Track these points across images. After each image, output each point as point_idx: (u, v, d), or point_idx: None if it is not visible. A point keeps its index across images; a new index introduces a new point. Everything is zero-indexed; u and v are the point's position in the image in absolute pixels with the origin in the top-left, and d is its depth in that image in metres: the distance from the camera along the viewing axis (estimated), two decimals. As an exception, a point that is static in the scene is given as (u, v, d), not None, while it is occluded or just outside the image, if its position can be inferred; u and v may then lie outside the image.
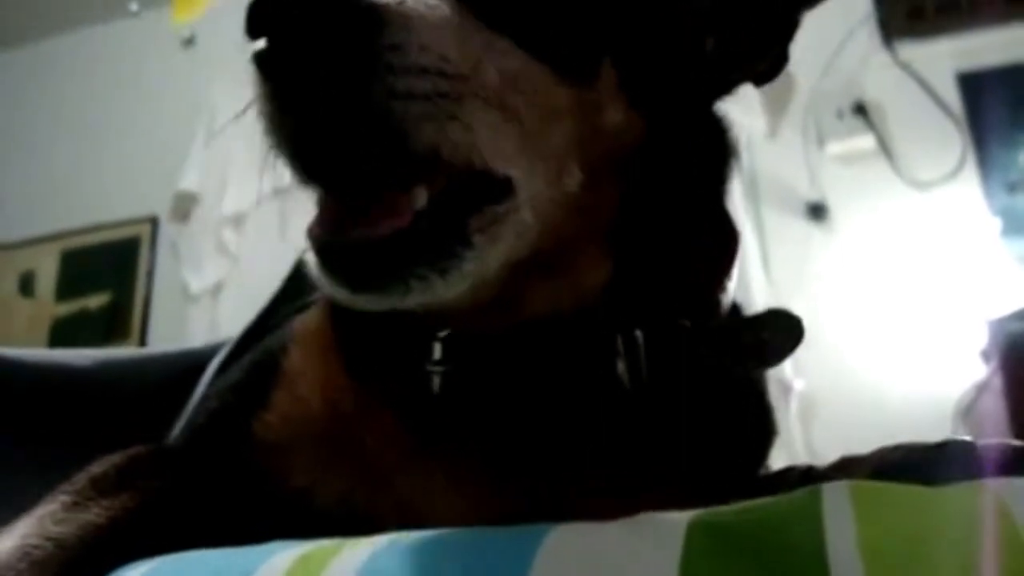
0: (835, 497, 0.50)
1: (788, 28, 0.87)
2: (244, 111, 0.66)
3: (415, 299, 0.63)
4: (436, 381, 0.76)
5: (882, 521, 0.48)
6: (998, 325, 2.58)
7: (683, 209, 0.83)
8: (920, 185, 3.27)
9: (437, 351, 0.76)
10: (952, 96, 3.37)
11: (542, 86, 0.70)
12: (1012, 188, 3.26)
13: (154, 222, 4.21)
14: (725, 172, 0.88)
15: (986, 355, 2.63)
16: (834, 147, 3.37)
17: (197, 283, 3.95)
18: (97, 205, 4.28)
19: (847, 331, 2.99)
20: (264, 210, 3.85)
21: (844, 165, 3.37)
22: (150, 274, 4.18)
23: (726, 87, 0.89)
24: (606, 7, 0.76)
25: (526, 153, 0.68)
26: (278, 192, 3.18)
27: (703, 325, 0.80)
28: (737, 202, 0.92)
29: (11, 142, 4.67)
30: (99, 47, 4.58)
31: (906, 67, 3.42)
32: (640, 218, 0.79)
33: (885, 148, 3.34)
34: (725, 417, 0.83)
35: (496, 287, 0.71)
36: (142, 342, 4.04)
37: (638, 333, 0.76)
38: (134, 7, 2.95)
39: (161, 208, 4.15)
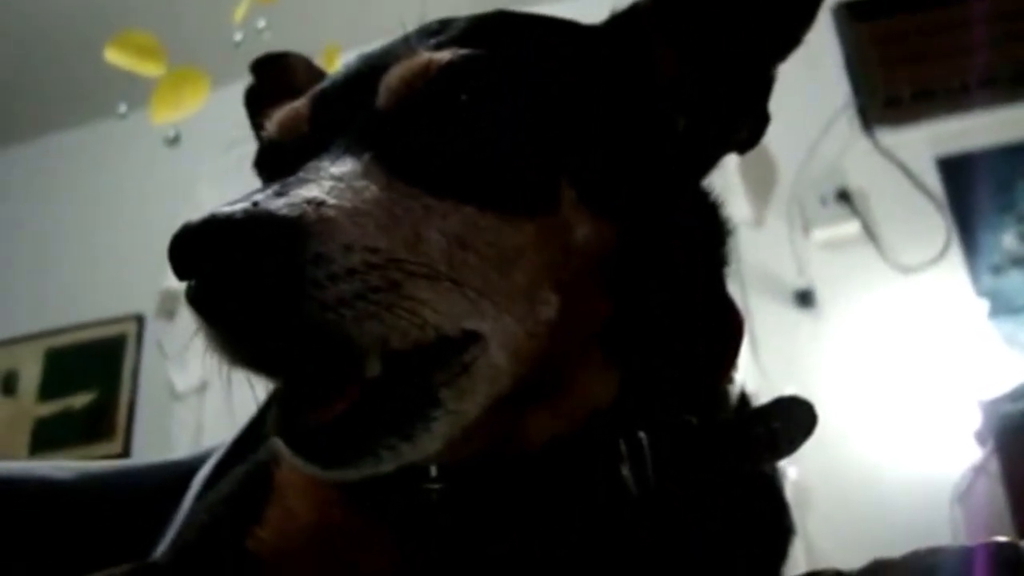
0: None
1: (763, 86, 0.84)
2: None
3: (388, 466, 0.62)
4: (434, 498, 0.74)
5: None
6: (992, 407, 2.57)
7: (680, 300, 0.81)
8: (906, 269, 3.28)
9: (433, 470, 0.74)
10: (933, 181, 3.42)
11: (496, 233, 0.68)
12: (997, 270, 3.28)
13: (140, 320, 4.18)
14: (722, 253, 0.86)
15: (981, 437, 2.62)
16: (819, 234, 3.40)
17: (183, 382, 3.90)
18: (83, 303, 4.25)
19: (839, 417, 2.96)
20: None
21: (830, 251, 3.39)
22: (135, 373, 4.13)
23: (708, 162, 0.86)
24: (553, 132, 0.73)
25: (489, 304, 0.66)
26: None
27: (710, 420, 0.77)
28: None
29: (-4, 242, 4.67)
30: (86, 147, 4.61)
31: (886, 153, 3.47)
32: (636, 320, 0.77)
33: (870, 233, 3.37)
34: (739, 517, 0.79)
35: (486, 425, 0.68)
36: (127, 441, 3.97)
37: (642, 435, 0.73)
38: (122, 109, 2.97)
39: (147, 306, 4.13)
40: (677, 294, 0.80)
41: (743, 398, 0.84)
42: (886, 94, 3.47)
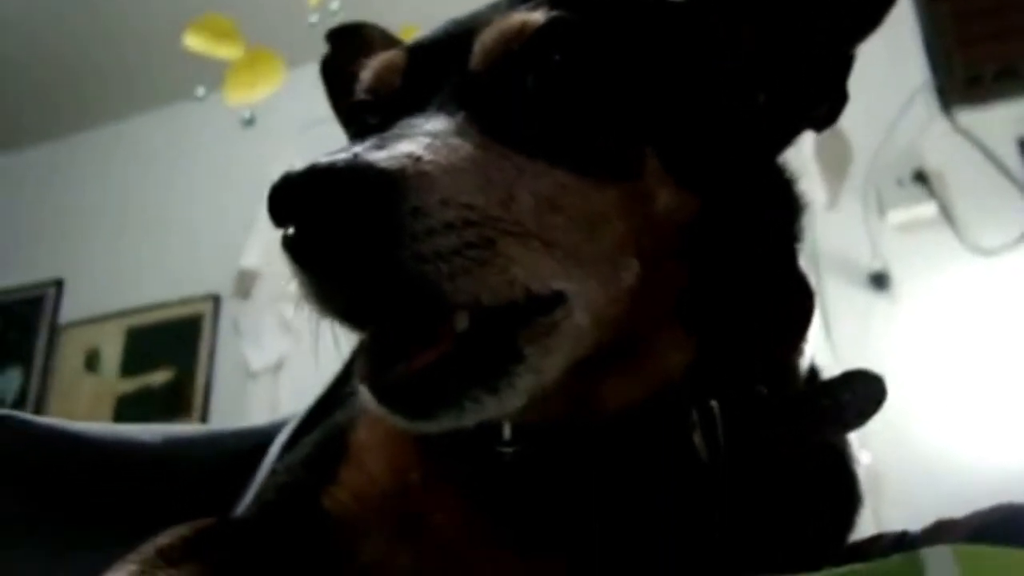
0: (938, 561, 0.48)
1: (843, 65, 0.85)
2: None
3: (472, 419, 0.63)
4: (507, 459, 0.76)
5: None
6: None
7: (754, 273, 0.81)
8: (984, 252, 3.21)
9: (507, 431, 0.76)
10: (1014, 161, 3.33)
11: (584, 196, 0.69)
12: (1079, 253, 3.20)
13: (216, 300, 4.28)
14: (794, 229, 0.86)
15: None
16: (895, 216, 3.34)
17: (258, 360, 3.98)
18: (161, 283, 4.36)
19: (914, 402, 2.92)
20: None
21: (906, 234, 3.33)
22: (212, 352, 4.23)
23: (786, 138, 0.86)
24: (640, 100, 0.75)
25: (575, 266, 0.67)
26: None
27: (780, 392, 0.78)
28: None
29: (78, 222, 4.80)
30: (163, 129, 4.72)
31: (966, 134, 3.39)
32: (711, 290, 0.77)
33: (947, 215, 3.30)
34: (808, 486, 0.80)
35: (564, 388, 0.69)
36: (203, 419, 4.07)
37: (714, 403, 0.74)
38: (200, 91, 3.03)
39: (223, 286, 4.22)
40: (751, 267, 0.81)
41: (813, 372, 0.85)
42: (966, 73, 3.39)
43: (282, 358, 3.91)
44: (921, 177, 3.34)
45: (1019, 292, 3.12)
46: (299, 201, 0.59)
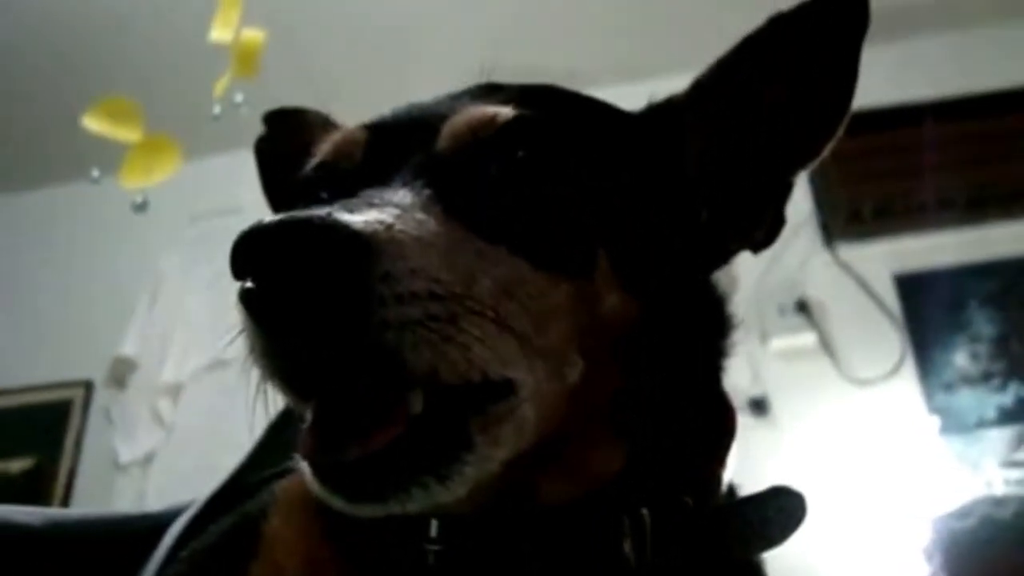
0: None
1: (782, 191, 0.88)
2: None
3: (416, 506, 0.62)
4: (431, 559, 0.73)
5: None
6: (941, 523, 2.57)
7: (683, 384, 0.82)
8: (861, 382, 3.31)
9: (434, 528, 0.74)
10: (890, 296, 3.48)
11: (539, 288, 0.70)
12: (949, 388, 3.33)
13: (88, 387, 4.11)
14: (723, 345, 0.88)
15: (928, 554, 2.61)
16: (776, 343, 3.42)
17: (128, 452, 3.82)
18: (31, 365, 4.17)
19: (789, 527, 2.95)
20: (202, 382, 3.80)
21: (786, 361, 3.41)
22: (79, 441, 4.04)
23: (723, 256, 0.89)
24: (595, 202, 0.76)
25: (525, 354, 0.67)
26: (217, 364, 3.15)
27: (704, 504, 0.78)
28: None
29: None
30: (51, 208, 4.58)
31: (846, 267, 3.53)
32: (643, 397, 0.78)
33: (826, 345, 3.40)
34: None
35: (499, 481, 0.68)
36: (63, 511, 3.87)
37: (644, 512, 0.74)
38: (95, 173, 2.97)
39: (97, 373, 4.06)
40: (683, 376, 0.82)
41: (731, 487, 0.85)
42: (848, 209, 3.55)
43: (152, 451, 3.77)
44: (803, 307, 3.45)
45: (891, 423, 3.21)
46: (268, 251, 0.57)
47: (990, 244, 3.52)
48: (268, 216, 0.58)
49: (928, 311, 3.44)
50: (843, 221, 3.56)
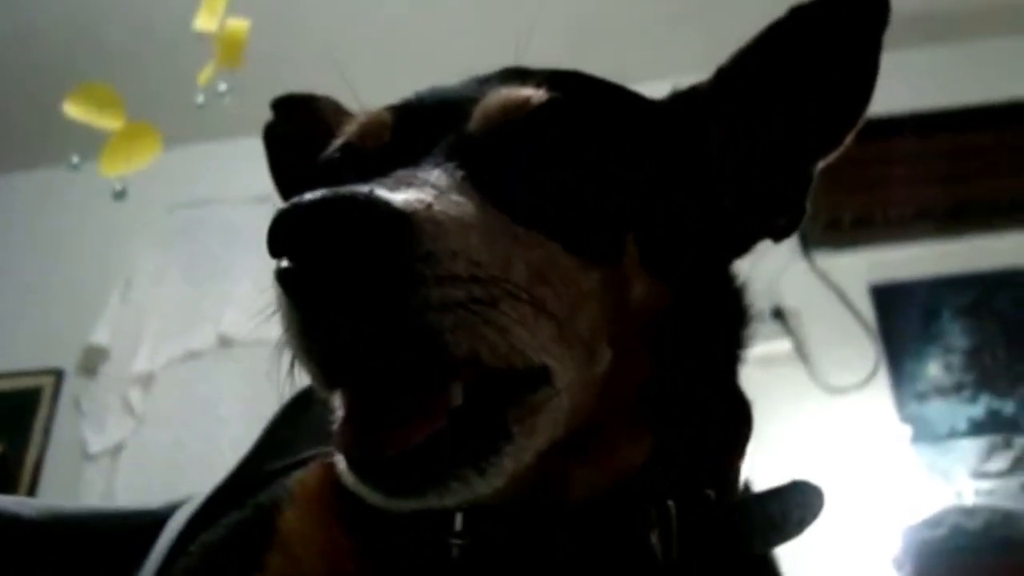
0: None
1: (804, 181, 0.88)
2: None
3: (454, 499, 0.61)
4: (455, 553, 0.72)
5: None
6: (911, 532, 2.59)
7: (707, 376, 0.83)
8: (834, 390, 3.33)
9: (459, 522, 0.73)
10: (866, 306, 3.50)
11: (570, 273, 0.69)
12: (922, 397, 3.35)
13: (59, 375, 4.06)
14: (742, 336, 0.89)
15: (898, 563, 2.63)
16: (752, 349, 3.42)
17: (97, 442, 3.78)
18: (1, 352, 4.12)
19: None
20: (174, 372, 3.77)
21: (761, 368, 3.38)
22: (47, 429, 3.99)
23: (745, 245, 0.89)
24: (624, 188, 0.76)
25: (559, 340, 0.66)
26: (190, 355, 3.12)
27: (725, 497, 0.79)
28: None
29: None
30: (29, 192, 4.53)
31: (823, 276, 3.55)
32: (669, 387, 0.78)
33: (801, 353, 3.42)
34: None
35: (529, 473, 0.67)
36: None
37: (671, 504, 0.74)
38: (75, 160, 2.93)
39: (68, 361, 4.02)
40: (707, 365, 0.83)
41: (746, 483, 0.86)
42: (827, 218, 3.57)
43: (122, 442, 3.73)
44: (779, 314, 3.46)
45: (864, 431, 3.23)
46: (309, 228, 0.55)
47: (965, 257, 3.55)
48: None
49: (903, 321, 3.47)
50: (821, 230, 3.58)
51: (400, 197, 0.58)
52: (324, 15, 3.69)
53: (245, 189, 3.64)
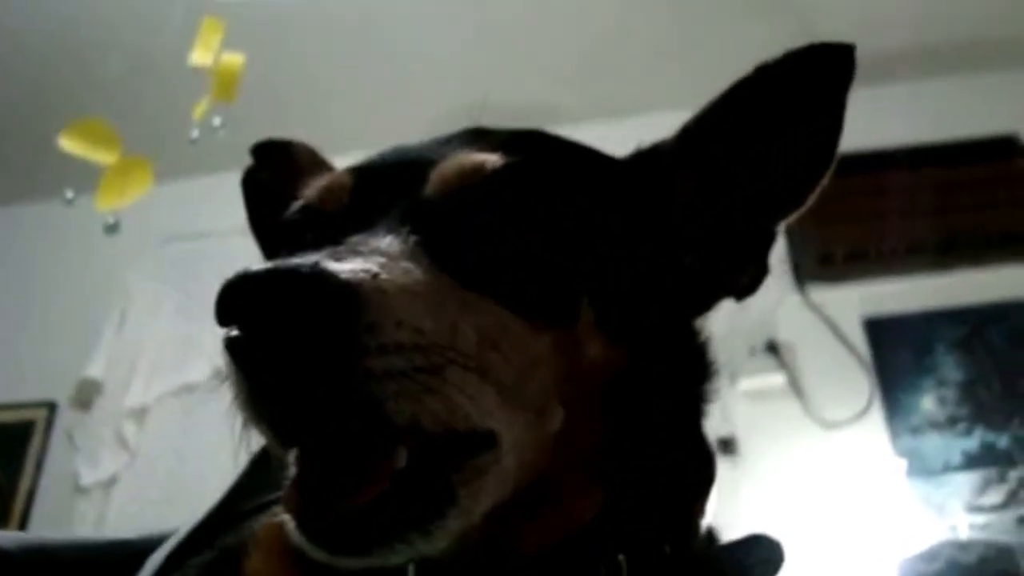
0: None
1: (766, 239, 0.89)
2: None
3: (398, 559, 0.62)
4: None
5: None
6: (906, 567, 2.58)
7: (666, 431, 0.82)
8: (828, 425, 3.33)
9: (411, 573, 0.72)
10: (859, 340, 3.50)
11: (522, 338, 0.69)
12: (916, 431, 3.35)
13: (52, 408, 4.05)
14: (705, 392, 0.87)
15: (894, 598, 2.62)
16: (746, 383, 3.43)
17: (90, 475, 3.76)
18: (-6, 385, 4.11)
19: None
20: (168, 406, 3.77)
21: (755, 402, 3.42)
22: (40, 462, 3.98)
23: (707, 303, 0.89)
24: (580, 251, 0.76)
25: (507, 405, 0.67)
26: (184, 389, 3.11)
27: (683, 551, 0.78)
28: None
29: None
30: (22, 226, 4.54)
31: (816, 310, 3.56)
32: (624, 445, 0.77)
33: (795, 387, 3.42)
34: None
35: (478, 530, 0.67)
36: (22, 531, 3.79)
37: (621, 558, 0.73)
38: (69, 194, 2.95)
39: (61, 394, 4.01)
40: (665, 422, 0.82)
41: (710, 533, 0.85)
42: (820, 252, 3.58)
43: (115, 475, 3.72)
44: (773, 348, 3.46)
45: (858, 465, 3.22)
46: (254, 300, 0.57)
47: (958, 290, 3.56)
48: (254, 264, 0.58)
49: (896, 355, 3.47)
50: (815, 264, 3.59)
51: (347, 267, 0.60)
52: (319, 51, 3.72)
53: (239, 222, 3.63)
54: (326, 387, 0.57)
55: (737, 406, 3.38)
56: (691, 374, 0.87)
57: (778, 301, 3.50)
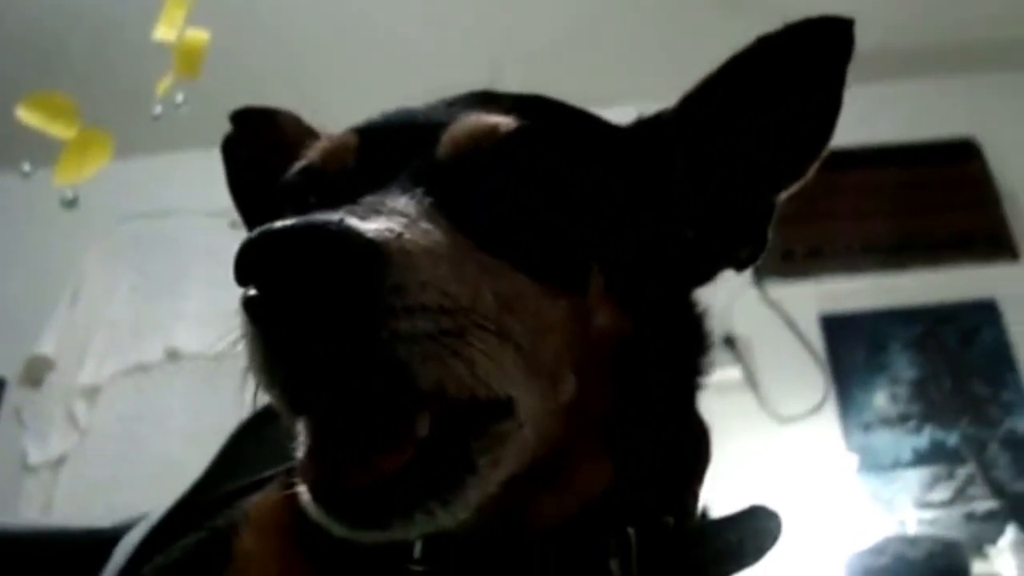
0: None
1: (765, 212, 0.89)
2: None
3: (418, 531, 0.61)
4: None
5: None
6: (855, 560, 2.62)
7: (668, 402, 0.82)
8: (783, 419, 3.37)
9: (418, 549, 0.72)
10: (815, 336, 3.54)
11: (537, 303, 0.69)
12: (868, 427, 3.40)
13: (1, 384, 3.98)
14: (702, 363, 0.88)
15: (843, 590, 2.66)
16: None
17: (38, 454, 3.70)
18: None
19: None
20: (120, 385, 3.72)
21: (710, 394, 3.42)
22: (-14, 440, 3.91)
23: (707, 274, 0.89)
24: (591, 217, 0.75)
25: (524, 371, 0.66)
26: (136, 368, 3.06)
27: (684, 523, 0.78)
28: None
29: None
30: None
31: (774, 305, 3.59)
32: (632, 414, 0.77)
33: (751, 381, 3.45)
34: None
35: (492, 502, 0.66)
36: (-34, 513, 3.73)
37: (631, 531, 0.74)
38: (26, 168, 2.89)
39: (10, 371, 3.93)
40: (669, 393, 0.83)
41: (703, 508, 0.85)
42: (782, 248, 3.61)
43: (64, 454, 3.66)
44: (729, 342, 3.49)
45: (811, 460, 3.26)
46: (279, 258, 0.54)
47: (913, 290, 3.62)
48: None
49: (851, 352, 3.52)
50: (775, 259, 3.62)
51: (371, 227, 0.58)
52: (286, 27, 3.68)
53: (199, 202, 3.60)
54: (349, 349, 0.56)
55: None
56: (691, 345, 0.87)
57: (735, 295, 3.53)
